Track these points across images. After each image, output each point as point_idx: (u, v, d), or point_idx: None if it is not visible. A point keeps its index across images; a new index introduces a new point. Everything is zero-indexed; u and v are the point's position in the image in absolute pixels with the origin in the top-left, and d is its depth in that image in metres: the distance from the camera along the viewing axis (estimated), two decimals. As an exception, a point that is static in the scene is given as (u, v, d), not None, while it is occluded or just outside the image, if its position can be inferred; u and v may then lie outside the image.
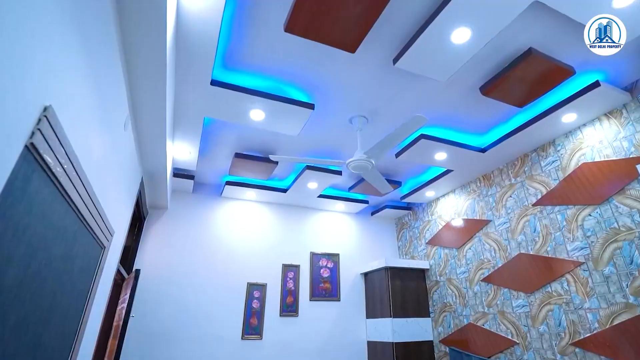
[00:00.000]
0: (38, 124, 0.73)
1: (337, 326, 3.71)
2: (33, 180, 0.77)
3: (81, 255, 1.35)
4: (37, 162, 0.77)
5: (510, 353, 2.78)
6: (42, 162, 0.79)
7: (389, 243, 4.44)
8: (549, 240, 2.66)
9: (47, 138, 0.76)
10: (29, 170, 0.74)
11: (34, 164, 0.75)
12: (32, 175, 0.76)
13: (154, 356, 2.95)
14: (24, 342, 0.95)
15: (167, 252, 3.33)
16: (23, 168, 0.71)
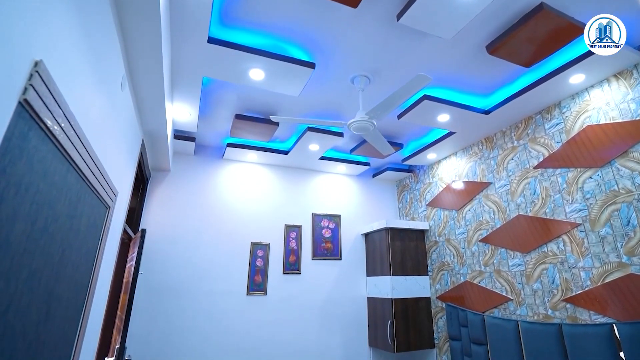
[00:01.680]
0: (30, 80, 0.72)
1: (338, 283, 3.87)
2: (30, 138, 0.78)
3: (86, 214, 1.38)
4: (32, 119, 0.77)
5: (504, 308, 2.90)
6: (39, 120, 0.79)
7: (389, 204, 4.51)
8: (548, 202, 2.68)
9: (41, 95, 0.75)
10: (25, 128, 0.74)
11: (29, 122, 0.75)
12: (29, 133, 0.76)
13: (163, 310, 3.12)
14: (37, 293, 1.01)
15: (171, 213, 3.41)
16: (19, 125, 0.71)
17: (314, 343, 3.58)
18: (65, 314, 1.33)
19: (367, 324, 3.87)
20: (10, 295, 0.83)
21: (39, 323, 1.06)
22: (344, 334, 3.74)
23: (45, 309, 1.10)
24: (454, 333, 3.25)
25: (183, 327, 3.14)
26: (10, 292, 0.83)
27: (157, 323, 3.07)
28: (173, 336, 3.09)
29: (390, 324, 3.44)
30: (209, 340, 3.20)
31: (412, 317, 3.54)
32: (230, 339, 3.27)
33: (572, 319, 2.41)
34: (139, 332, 2.97)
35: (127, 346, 2.32)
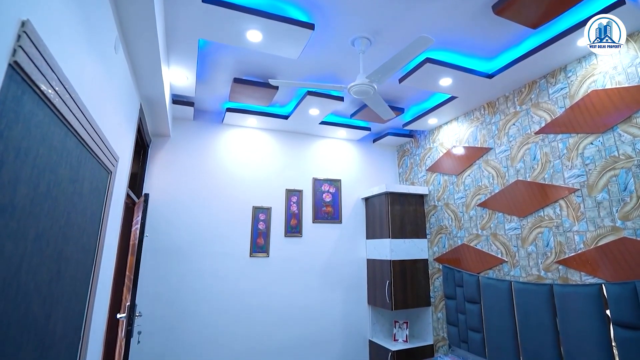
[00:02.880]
0: (18, 41, 0.71)
1: (338, 246, 3.98)
2: (25, 102, 0.78)
3: (88, 178, 1.41)
4: (25, 83, 0.77)
5: (498, 270, 3.00)
6: (32, 83, 0.79)
7: (389, 169, 4.53)
8: (547, 168, 2.69)
9: (32, 57, 0.75)
10: (19, 92, 0.74)
11: (22, 85, 0.75)
12: (23, 97, 0.77)
13: (169, 270, 3.25)
14: (46, 254, 1.05)
15: (173, 178, 3.45)
16: (12, 89, 0.71)
17: (316, 302, 3.75)
18: (76, 274, 1.39)
19: (366, 284, 4.03)
20: (21, 255, 0.87)
21: (51, 281, 1.12)
22: (344, 293, 3.90)
23: (55, 269, 1.15)
24: (450, 292, 3.39)
25: (189, 287, 3.29)
26: (20, 252, 0.87)
27: (164, 282, 3.21)
28: (180, 295, 3.25)
29: (388, 284, 3.58)
30: (214, 299, 3.35)
31: (409, 277, 3.67)
32: (234, 298, 3.42)
33: (564, 280, 2.49)
34: (148, 291, 3.11)
35: (137, 303, 2.45)
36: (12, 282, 0.84)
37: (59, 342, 1.27)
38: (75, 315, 1.44)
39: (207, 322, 3.28)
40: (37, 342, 1.06)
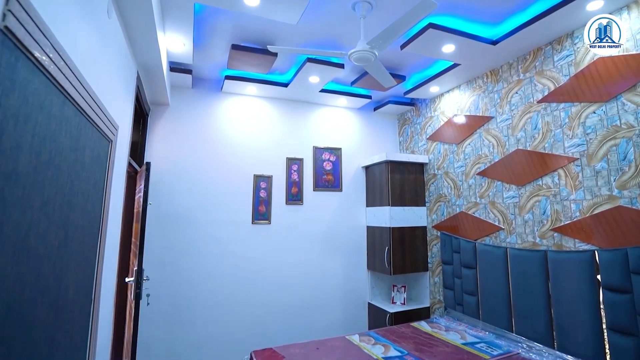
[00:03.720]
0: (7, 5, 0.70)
1: (339, 213, 4.06)
2: (19, 69, 0.78)
3: (89, 147, 1.43)
4: (18, 49, 0.76)
5: (495, 237, 3.07)
6: (25, 50, 0.78)
7: (390, 138, 4.51)
8: (548, 137, 2.68)
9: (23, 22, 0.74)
10: (12, 59, 0.74)
11: (15, 52, 0.75)
12: (17, 64, 0.77)
13: (174, 237, 3.34)
14: (52, 220, 1.09)
15: (174, 147, 3.46)
16: (5, 55, 0.71)
17: (316, 267, 3.87)
18: (83, 239, 1.45)
19: (366, 250, 4.14)
20: (28, 222, 0.90)
21: (59, 246, 1.16)
22: (344, 259, 4.02)
23: (63, 235, 1.20)
24: (447, 258, 3.49)
25: (193, 253, 3.40)
26: (27, 219, 0.90)
27: (169, 249, 3.31)
28: (185, 260, 3.36)
29: (387, 250, 3.68)
30: (218, 265, 3.47)
31: (408, 244, 3.77)
32: (237, 264, 3.54)
33: (558, 247, 2.56)
34: (154, 257, 3.22)
35: (144, 268, 2.54)
36: (23, 247, 0.88)
37: (72, 303, 1.34)
38: (85, 278, 1.51)
39: (211, 286, 3.42)
40: (51, 302, 1.12)
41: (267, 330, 3.55)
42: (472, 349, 2.61)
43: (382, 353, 2.59)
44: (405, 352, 2.59)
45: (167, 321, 3.22)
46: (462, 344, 2.72)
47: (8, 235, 0.79)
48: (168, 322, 3.22)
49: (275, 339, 3.40)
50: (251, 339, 3.40)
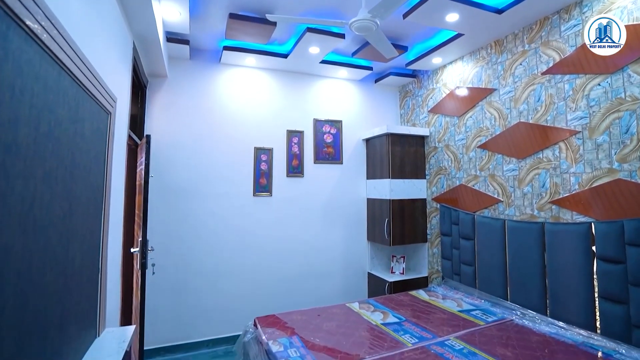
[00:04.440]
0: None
1: (339, 186, 4.09)
2: (11, 38, 0.77)
3: (88, 119, 1.43)
4: (9, 17, 0.75)
5: (493, 209, 3.10)
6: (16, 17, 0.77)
7: (391, 110, 4.47)
8: (550, 110, 2.65)
9: (13, -9, 0.72)
10: (3, 27, 0.73)
11: (6, 20, 0.74)
12: (8, 33, 0.76)
13: (176, 209, 3.40)
14: (56, 192, 1.11)
15: (174, 119, 3.45)
16: (-3, 25, 0.70)
17: (317, 239, 3.95)
18: (87, 211, 1.48)
19: (366, 221, 4.20)
20: (32, 193, 0.92)
21: (64, 217, 1.19)
22: (344, 230, 4.09)
23: (67, 206, 1.22)
24: (446, 230, 3.55)
25: (196, 225, 3.46)
26: (31, 190, 0.92)
27: (172, 220, 3.37)
28: (188, 232, 3.43)
29: (387, 222, 3.74)
30: (221, 235, 3.54)
31: (408, 216, 3.82)
32: (240, 235, 3.62)
33: (555, 219, 2.59)
34: (158, 228, 3.28)
35: (149, 239, 2.60)
36: (28, 217, 0.91)
37: (79, 272, 1.39)
38: (91, 248, 1.55)
39: (215, 257, 3.51)
40: (59, 270, 1.17)
41: (270, 298, 3.67)
42: (467, 316, 2.71)
43: (381, 319, 2.70)
44: (403, 319, 2.70)
45: (172, 290, 3.33)
46: (458, 311, 2.82)
47: (13, 205, 0.81)
48: (174, 291, 3.34)
49: (277, 307, 3.53)
50: (255, 307, 3.53)
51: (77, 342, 1.39)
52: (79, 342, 1.42)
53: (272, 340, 2.32)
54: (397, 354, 2.13)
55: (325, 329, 2.53)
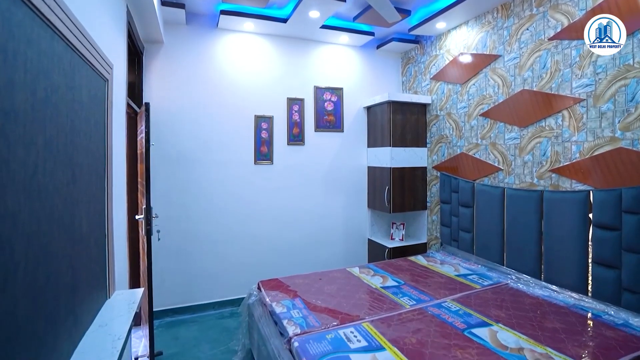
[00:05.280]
0: None
1: (340, 154, 4.09)
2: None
3: (85, 86, 1.41)
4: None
5: (493, 177, 3.12)
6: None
7: (393, 78, 4.38)
8: (555, 77, 2.59)
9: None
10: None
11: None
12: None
13: (178, 177, 3.43)
14: (58, 159, 1.13)
15: (172, 87, 3.40)
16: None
17: (319, 206, 4.01)
18: (90, 179, 1.50)
19: (366, 189, 4.24)
20: (34, 160, 0.93)
21: (68, 184, 1.21)
22: (345, 198, 4.14)
23: (70, 173, 1.24)
24: (445, 198, 3.59)
25: (198, 193, 3.51)
26: (33, 157, 0.93)
27: (175, 188, 3.42)
28: (191, 200, 3.48)
29: (387, 190, 3.78)
30: (223, 203, 3.60)
31: (408, 184, 3.85)
32: (242, 203, 3.67)
33: (554, 187, 2.61)
34: (161, 196, 3.33)
35: (153, 206, 2.65)
36: (33, 183, 0.93)
37: (87, 237, 1.43)
38: (96, 214, 1.59)
39: (218, 224, 3.58)
40: (67, 236, 1.20)
41: (273, 263, 3.79)
42: (464, 280, 2.80)
43: (381, 283, 2.79)
44: (402, 282, 2.79)
45: (178, 255, 3.44)
46: (455, 275, 2.91)
47: (16, 171, 0.83)
48: (179, 256, 3.44)
49: (280, 272, 3.64)
50: (258, 271, 3.64)
51: (89, 303, 1.46)
52: (91, 303, 1.49)
53: (276, 302, 2.42)
54: (396, 314, 2.23)
55: (327, 291, 2.62)
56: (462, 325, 2.06)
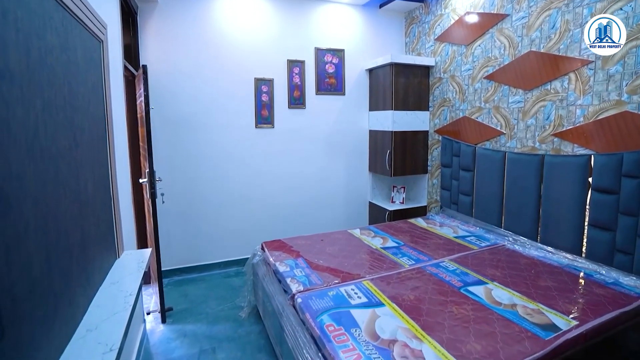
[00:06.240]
0: None
1: (341, 117, 4.05)
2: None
3: (80, 47, 1.39)
4: None
5: (495, 141, 3.10)
6: None
7: (396, 39, 4.22)
8: (565, 38, 2.49)
9: None
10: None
11: None
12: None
13: (179, 141, 3.43)
14: (59, 122, 1.13)
15: (169, 49, 3.31)
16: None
17: (320, 169, 4.03)
18: (92, 142, 1.51)
19: (368, 153, 4.24)
20: (34, 122, 0.94)
21: (70, 148, 1.23)
22: (346, 161, 4.16)
23: (72, 136, 1.25)
24: (446, 161, 3.59)
25: (200, 156, 3.52)
26: (33, 119, 0.94)
27: (177, 152, 3.43)
28: (193, 163, 3.50)
29: (389, 154, 3.78)
30: (225, 167, 3.62)
31: (409, 147, 3.84)
32: (244, 166, 3.69)
33: (556, 151, 2.60)
34: (163, 159, 3.35)
35: (156, 170, 2.68)
36: (35, 145, 0.94)
37: (93, 199, 1.47)
38: (100, 177, 1.62)
39: (220, 187, 3.63)
40: (74, 197, 1.24)
41: (275, 225, 3.88)
42: (462, 241, 2.87)
43: (381, 244, 2.87)
44: (401, 243, 2.87)
45: (182, 217, 3.52)
46: (454, 237, 2.98)
47: (17, 132, 0.84)
48: (183, 219, 3.52)
49: (282, 234, 3.72)
50: (261, 233, 3.74)
51: (100, 262, 1.53)
52: (102, 262, 1.56)
53: (279, 261, 2.51)
54: (395, 273, 2.31)
55: (328, 252, 2.71)
56: (459, 283, 2.15)
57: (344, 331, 1.67)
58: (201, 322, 2.73)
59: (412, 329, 1.69)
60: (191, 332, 2.60)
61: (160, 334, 2.58)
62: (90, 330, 1.19)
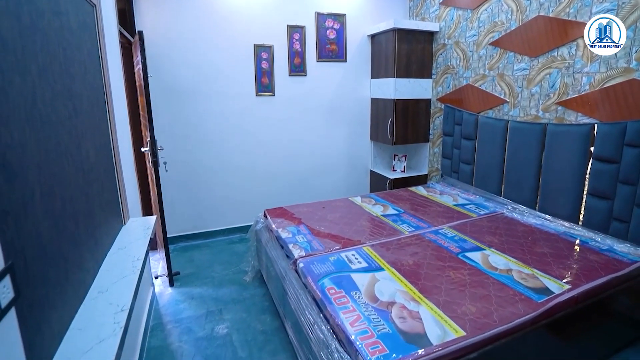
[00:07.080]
0: None
1: (343, 85, 3.98)
2: None
3: (73, 12, 1.35)
4: None
5: (498, 110, 3.06)
6: None
7: (399, 3, 4.06)
8: (574, 1, 2.39)
9: None
10: None
11: None
12: None
13: (180, 109, 3.40)
14: (56, 90, 1.13)
15: (165, 14, 3.20)
16: None
17: (321, 137, 4.01)
18: (91, 111, 1.50)
19: (369, 121, 4.21)
20: (31, 89, 0.94)
21: (70, 117, 1.23)
22: (348, 129, 4.13)
23: (71, 105, 1.25)
24: (448, 130, 3.56)
25: (201, 125, 3.50)
26: (30, 86, 0.93)
27: (177, 120, 3.40)
28: (194, 132, 3.48)
29: (390, 122, 3.74)
30: (226, 135, 3.60)
31: (411, 116, 3.80)
32: (245, 134, 3.67)
33: (559, 120, 2.57)
34: (164, 128, 3.33)
35: (157, 139, 2.68)
36: (34, 113, 0.94)
37: (96, 167, 1.49)
38: (102, 146, 1.63)
39: (222, 156, 3.64)
40: (77, 165, 1.26)
41: (278, 193, 3.92)
42: (461, 209, 2.91)
43: (381, 211, 2.92)
44: (402, 211, 2.92)
45: (185, 186, 3.55)
46: (454, 205, 3.02)
47: (14, 99, 0.84)
48: (187, 187, 3.56)
49: (284, 201, 3.77)
50: (263, 201, 3.78)
51: (107, 228, 1.57)
52: (109, 228, 1.60)
53: (281, 228, 2.57)
54: (395, 240, 2.37)
55: (330, 219, 2.76)
56: (457, 249, 2.21)
57: (345, 294, 1.74)
58: (207, 286, 2.83)
59: (410, 292, 1.75)
60: (198, 294, 2.71)
61: (169, 297, 2.69)
62: (102, 292, 1.25)
